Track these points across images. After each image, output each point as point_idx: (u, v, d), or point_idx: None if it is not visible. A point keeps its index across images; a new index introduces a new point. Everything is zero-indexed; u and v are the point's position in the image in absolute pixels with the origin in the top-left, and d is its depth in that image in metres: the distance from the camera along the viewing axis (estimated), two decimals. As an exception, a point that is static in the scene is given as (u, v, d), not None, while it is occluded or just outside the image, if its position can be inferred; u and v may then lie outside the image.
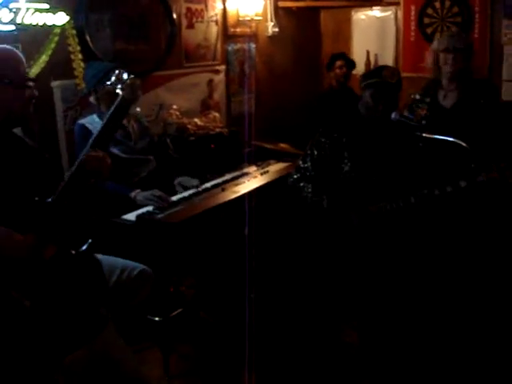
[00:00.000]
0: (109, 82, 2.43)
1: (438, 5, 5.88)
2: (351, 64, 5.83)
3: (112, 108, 2.33)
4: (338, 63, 5.74)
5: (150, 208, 3.27)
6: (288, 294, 3.80)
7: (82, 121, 3.54)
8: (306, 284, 3.57)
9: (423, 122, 3.18)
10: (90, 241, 2.31)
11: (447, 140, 3.07)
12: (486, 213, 3.44)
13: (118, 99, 2.33)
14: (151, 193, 3.38)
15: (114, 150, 3.41)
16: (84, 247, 2.30)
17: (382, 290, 3.13)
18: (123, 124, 3.56)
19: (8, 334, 2.03)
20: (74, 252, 2.26)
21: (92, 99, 3.57)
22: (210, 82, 5.37)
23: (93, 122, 3.48)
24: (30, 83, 2.35)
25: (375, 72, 3.25)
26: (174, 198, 3.46)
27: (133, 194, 3.39)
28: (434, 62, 3.78)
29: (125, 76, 2.40)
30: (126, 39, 4.48)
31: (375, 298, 3.17)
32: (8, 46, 2.39)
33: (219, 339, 3.57)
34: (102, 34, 4.28)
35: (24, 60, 2.37)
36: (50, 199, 2.20)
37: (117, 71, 2.40)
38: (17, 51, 2.37)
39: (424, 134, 3.12)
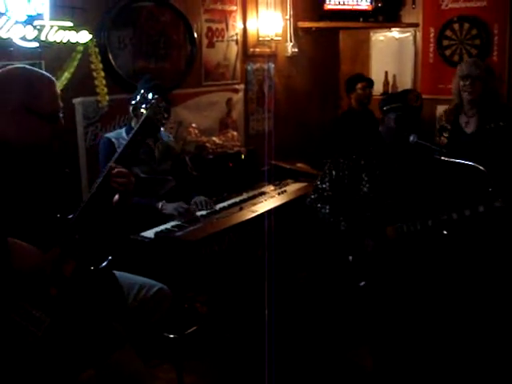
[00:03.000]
0: (133, 102, 2.46)
1: (456, 27, 5.91)
2: (371, 83, 5.84)
3: (136, 127, 2.36)
4: (361, 85, 5.72)
5: (168, 225, 3.28)
6: (304, 313, 3.79)
7: (108, 135, 3.59)
8: (321, 304, 3.56)
9: (444, 150, 3.18)
10: (110, 258, 2.33)
11: (465, 164, 3.08)
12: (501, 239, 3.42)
13: (142, 118, 2.36)
14: (178, 204, 3.45)
15: (135, 169, 3.42)
16: (104, 264, 2.31)
17: (399, 314, 3.11)
18: (149, 144, 3.59)
19: (23, 351, 2.03)
20: (92, 268, 2.27)
21: (131, 110, 3.61)
22: (229, 100, 5.40)
23: (119, 137, 3.52)
24: (61, 115, 2.32)
25: (399, 96, 3.20)
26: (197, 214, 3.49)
27: (160, 205, 3.45)
28: (456, 88, 3.90)
29: (149, 96, 2.42)
30: (147, 57, 4.54)
31: (391, 323, 3.16)
32: (45, 73, 2.33)
33: (233, 357, 3.57)
34: (124, 51, 4.34)
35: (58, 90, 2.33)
36: (71, 216, 2.21)
37: (142, 91, 2.42)
38: (53, 79, 2.31)
39: (442, 157, 3.12)
